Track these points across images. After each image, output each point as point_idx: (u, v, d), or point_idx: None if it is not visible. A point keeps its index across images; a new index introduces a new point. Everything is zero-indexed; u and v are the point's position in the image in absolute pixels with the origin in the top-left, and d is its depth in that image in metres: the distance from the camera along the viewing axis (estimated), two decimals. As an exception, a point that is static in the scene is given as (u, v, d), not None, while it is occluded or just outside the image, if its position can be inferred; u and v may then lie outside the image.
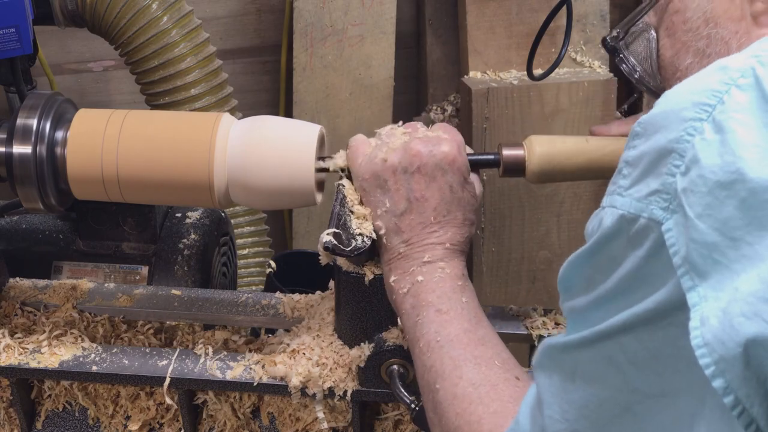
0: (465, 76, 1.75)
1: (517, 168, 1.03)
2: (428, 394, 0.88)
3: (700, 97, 0.63)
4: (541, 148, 1.02)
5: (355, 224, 0.97)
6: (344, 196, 0.99)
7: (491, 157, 1.03)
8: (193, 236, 1.42)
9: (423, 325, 0.91)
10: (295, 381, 1.05)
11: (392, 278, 0.95)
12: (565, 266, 0.72)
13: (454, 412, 0.83)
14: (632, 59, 0.96)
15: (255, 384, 1.07)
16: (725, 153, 0.60)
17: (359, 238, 0.96)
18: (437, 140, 0.96)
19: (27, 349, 1.12)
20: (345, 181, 1.00)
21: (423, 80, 2.08)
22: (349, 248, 0.95)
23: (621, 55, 0.97)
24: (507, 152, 1.03)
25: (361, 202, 0.98)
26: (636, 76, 0.96)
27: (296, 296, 1.18)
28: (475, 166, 1.00)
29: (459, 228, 0.96)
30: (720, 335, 0.57)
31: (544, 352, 0.75)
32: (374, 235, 0.97)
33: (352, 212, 0.98)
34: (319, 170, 1.01)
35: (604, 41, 0.99)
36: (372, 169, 0.96)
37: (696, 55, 0.83)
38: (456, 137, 0.98)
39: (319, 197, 1.03)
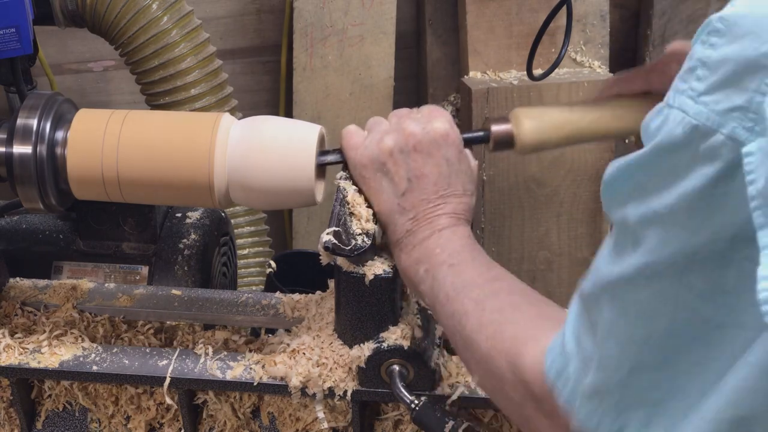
0: (465, 76, 1.76)
1: (506, 141, 1.05)
2: (456, 338, 0.88)
3: None
4: (530, 121, 1.03)
5: (355, 224, 0.97)
6: (344, 196, 0.99)
7: (481, 133, 1.05)
8: (193, 236, 1.42)
9: (438, 281, 0.91)
10: (295, 381, 1.05)
11: (402, 256, 0.96)
12: (612, 170, 0.65)
13: (484, 337, 0.82)
14: None
15: (255, 384, 1.07)
16: None
17: (359, 238, 0.96)
18: (428, 117, 0.97)
19: (27, 349, 1.12)
20: (345, 182, 1.00)
21: (423, 80, 2.08)
22: (349, 248, 0.96)
23: None
24: (496, 127, 1.04)
25: (366, 204, 0.98)
26: None
27: (296, 296, 1.18)
28: (466, 143, 1.01)
29: (460, 198, 0.97)
30: None
31: (596, 283, 0.68)
32: (375, 236, 0.97)
33: (352, 212, 0.98)
34: (319, 168, 1.02)
35: None
36: (369, 156, 0.97)
37: None
38: (445, 113, 0.99)
39: (319, 197, 1.03)
